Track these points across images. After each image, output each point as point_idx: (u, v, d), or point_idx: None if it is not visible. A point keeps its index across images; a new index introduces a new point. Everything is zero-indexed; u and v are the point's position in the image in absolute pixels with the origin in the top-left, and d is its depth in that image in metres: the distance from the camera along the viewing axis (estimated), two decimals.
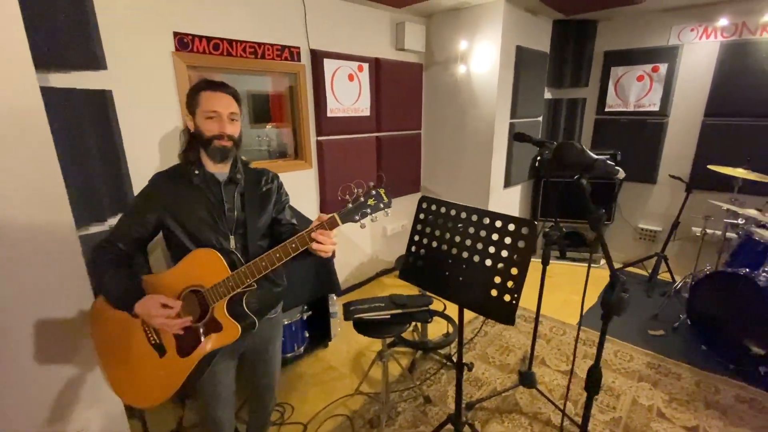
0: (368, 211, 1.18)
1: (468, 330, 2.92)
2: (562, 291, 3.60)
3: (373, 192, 1.18)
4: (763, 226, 2.72)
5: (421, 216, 1.57)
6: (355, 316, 1.91)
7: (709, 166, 2.97)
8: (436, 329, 2.80)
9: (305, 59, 2.81)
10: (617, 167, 1.17)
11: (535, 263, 2.72)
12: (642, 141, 3.78)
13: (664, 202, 3.79)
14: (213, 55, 2.34)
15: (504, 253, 1.31)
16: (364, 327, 1.93)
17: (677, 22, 3.47)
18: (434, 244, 1.51)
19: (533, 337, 2.20)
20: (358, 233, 3.60)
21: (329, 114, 2.97)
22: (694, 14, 3.38)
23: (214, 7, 2.30)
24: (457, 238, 1.44)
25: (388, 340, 2.62)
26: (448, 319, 2.71)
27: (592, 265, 4.08)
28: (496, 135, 3.44)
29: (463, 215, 1.44)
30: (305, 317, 2.57)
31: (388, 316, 1.93)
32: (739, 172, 2.78)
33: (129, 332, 1.28)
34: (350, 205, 1.18)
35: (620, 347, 2.71)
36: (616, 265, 3.99)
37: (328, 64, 2.88)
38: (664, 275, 3.61)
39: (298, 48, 2.75)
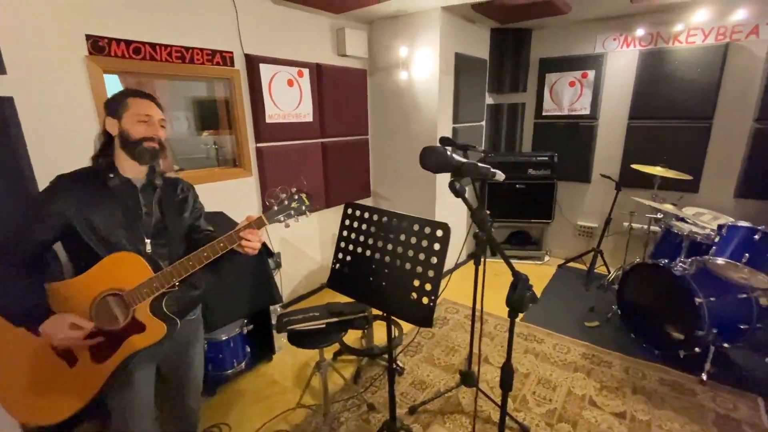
0: (292, 212, 1.32)
1: (415, 332, 2.94)
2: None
3: (296, 196, 1.32)
4: (681, 220, 2.95)
5: (347, 222, 1.56)
6: (288, 327, 1.86)
7: (632, 165, 3.19)
8: (385, 334, 2.79)
9: (239, 64, 2.73)
10: (494, 170, 1.21)
11: (492, 263, 2.78)
12: (576, 143, 4.01)
13: (599, 199, 4.02)
14: (134, 59, 2.22)
15: (421, 256, 1.32)
16: (298, 338, 1.88)
17: (601, 31, 3.72)
18: (359, 250, 1.50)
19: (470, 336, 2.24)
20: (307, 241, 3.53)
21: (268, 120, 2.90)
22: (615, 25, 3.64)
23: (133, 9, 2.18)
24: (380, 244, 1.44)
25: (332, 350, 2.58)
26: (393, 322, 2.71)
27: (536, 261, 4.27)
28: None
29: (385, 220, 1.44)
30: (246, 331, 2.48)
31: (323, 326, 1.90)
32: (658, 170, 3.01)
33: (27, 342, 1.17)
34: (275, 208, 1.30)
35: (559, 340, 2.82)
36: (559, 261, 4.22)
37: (265, 70, 2.82)
38: (601, 269, 3.82)
39: (231, 53, 2.67)
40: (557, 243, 4.34)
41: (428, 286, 1.29)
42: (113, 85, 2.30)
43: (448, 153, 0.99)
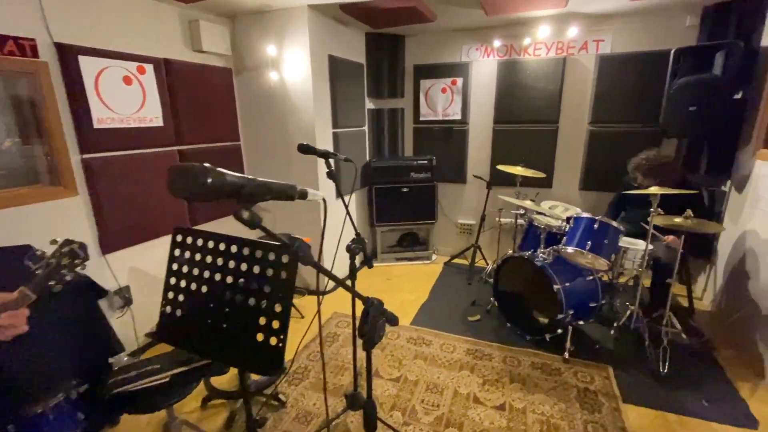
0: (65, 272, 1.05)
1: (304, 355, 2.70)
2: (401, 291, 3.70)
3: (64, 250, 1.07)
4: (541, 214, 3.26)
5: (177, 253, 1.26)
6: (116, 390, 1.46)
7: (497, 166, 3.44)
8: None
9: (48, 56, 2.15)
10: (304, 188, 1.08)
11: (382, 267, 2.63)
12: (451, 146, 4.21)
13: (474, 198, 4.30)
14: None
15: (267, 289, 1.11)
16: (132, 402, 1.49)
17: (465, 41, 3.97)
18: (194, 286, 1.22)
19: (353, 353, 2.10)
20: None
21: (97, 125, 2.35)
22: (476, 35, 3.91)
23: None
24: (218, 276, 1.18)
25: (199, 395, 2.20)
26: None
27: (425, 261, 4.36)
28: (319, 145, 3.32)
29: (222, 247, 1.19)
30: (76, 394, 1.93)
31: (167, 379, 1.54)
32: (518, 170, 3.29)
33: None
34: (40, 272, 1.02)
35: (445, 340, 2.87)
36: (445, 259, 4.37)
37: (87, 63, 2.28)
38: (482, 263, 4.07)
39: (33, 41, 2.08)
40: (442, 241, 4.53)
41: (276, 324, 1.08)
42: None
43: (212, 173, 0.73)
